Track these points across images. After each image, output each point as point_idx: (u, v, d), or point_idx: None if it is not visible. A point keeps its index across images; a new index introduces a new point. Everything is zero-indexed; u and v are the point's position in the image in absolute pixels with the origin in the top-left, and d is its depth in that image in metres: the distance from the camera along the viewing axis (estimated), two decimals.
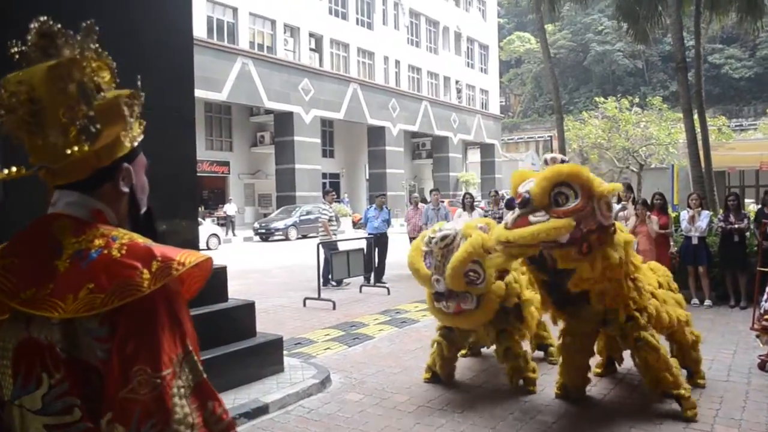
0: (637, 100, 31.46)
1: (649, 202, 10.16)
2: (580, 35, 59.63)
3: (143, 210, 1.56)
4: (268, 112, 32.41)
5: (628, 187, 11.06)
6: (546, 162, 4.64)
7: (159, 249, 1.32)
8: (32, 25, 1.38)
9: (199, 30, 27.14)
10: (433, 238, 5.27)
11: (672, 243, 9.98)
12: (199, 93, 26.24)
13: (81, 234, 1.34)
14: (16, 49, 1.38)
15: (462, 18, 45.49)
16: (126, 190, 1.47)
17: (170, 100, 5.53)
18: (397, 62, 39.65)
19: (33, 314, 1.27)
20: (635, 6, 16.34)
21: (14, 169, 1.36)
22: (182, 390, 1.26)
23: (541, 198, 4.18)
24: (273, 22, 31.71)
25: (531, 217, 4.13)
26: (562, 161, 4.57)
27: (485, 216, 10.47)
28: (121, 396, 1.22)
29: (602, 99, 31.66)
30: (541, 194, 4.18)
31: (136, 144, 1.49)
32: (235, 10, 29.75)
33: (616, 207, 10.59)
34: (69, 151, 1.32)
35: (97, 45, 1.42)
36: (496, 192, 12.47)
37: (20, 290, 1.29)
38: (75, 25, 1.53)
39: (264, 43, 31.55)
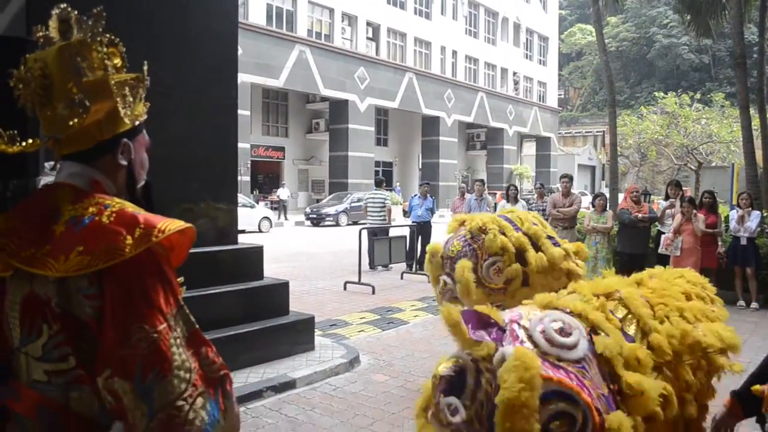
0: (698, 96, 30.57)
1: (698, 200, 10.00)
2: (645, 28, 58.12)
3: (140, 184, 1.70)
4: (324, 99, 32.77)
5: (678, 184, 10.86)
6: None
7: (143, 216, 1.46)
8: (53, 12, 1.56)
9: (258, 17, 27.63)
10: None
11: (720, 243, 9.78)
12: (256, 79, 26.89)
13: (78, 202, 1.49)
14: (40, 34, 1.57)
15: (522, 9, 44.91)
16: (124, 163, 1.62)
17: (213, 86, 5.76)
18: (454, 52, 39.46)
19: (34, 272, 1.43)
20: None
21: (30, 141, 1.54)
22: (178, 340, 1.40)
23: None
24: (331, 11, 31.99)
25: None
26: None
27: (529, 209, 10.45)
28: (122, 353, 1.35)
29: (662, 94, 30.87)
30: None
31: (137, 123, 1.64)
32: None
33: (663, 204, 10.43)
34: (71, 122, 1.48)
35: (110, 34, 1.59)
36: (542, 185, 12.39)
37: (21, 250, 1.46)
38: (129, 12, 1.73)
39: (322, 32, 31.87)
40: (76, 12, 1.57)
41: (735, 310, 9.47)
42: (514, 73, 45.31)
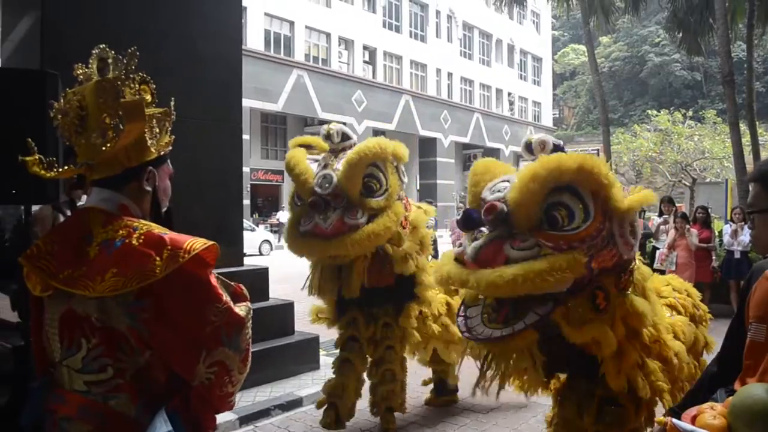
0: (691, 113, 30.88)
1: (691, 215, 10.18)
2: (637, 47, 58.67)
3: (164, 209, 1.89)
4: (322, 122, 32.79)
5: (670, 200, 11.05)
6: (530, 148, 2.87)
7: (170, 237, 1.65)
8: (93, 52, 1.77)
9: (257, 43, 27.97)
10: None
11: (714, 257, 9.95)
12: (255, 104, 27.16)
13: (108, 225, 1.67)
14: (80, 71, 1.78)
15: (515, 31, 45.42)
16: (149, 189, 1.80)
17: (219, 110, 5.97)
18: (450, 74, 39.87)
19: (74, 292, 1.61)
20: (688, 16, 16.23)
21: (66, 167, 1.77)
22: (232, 301, 1.72)
23: (526, 212, 2.42)
24: (328, 35, 32.38)
25: (509, 248, 2.38)
26: (558, 147, 2.76)
27: None
28: (207, 331, 1.64)
29: (655, 112, 31.18)
30: (527, 206, 2.41)
31: (162, 153, 1.84)
32: (291, 23, 30.51)
33: (658, 220, 10.61)
34: (104, 148, 1.67)
35: (143, 73, 1.80)
36: None
37: (60, 271, 1.63)
38: (139, 39, 1.93)
39: (319, 56, 32.24)
40: (113, 51, 1.76)
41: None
42: (509, 94, 45.71)
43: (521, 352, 2.49)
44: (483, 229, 2.47)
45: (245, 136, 24.34)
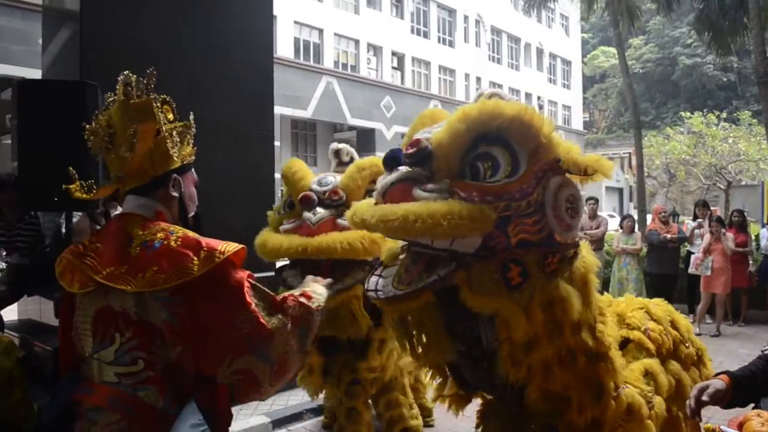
0: (725, 115, 30.32)
1: (727, 219, 10.03)
2: (668, 48, 57.90)
3: (191, 214, 2.07)
4: (351, 128, 33.18)
5: (705, 204, 10.90)
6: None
7: (205, 241, 1.81)
8: (120, 78, 1.95)
9: (287, 50, 28.24)
10: None
11: (751, 262, 9.79)
12: (285, 111, 27.40)
13: (146, 228, 1.83)
14: (110, 99, 1.97)
15: (544, 34, 45.18)
16: (175, 194, 1.98)
17: (252, 118, 6.07)
18: (478, 79, 39.78)
19: (111, 287, 1.74)
20: (719, 18, 16.02)
21: (102, 187, 2.01)
22: (265, 311, 1.83)
23: (447, 155, 2.16)
24: (357, 42, 32.55)
25: (417, 190, 2.13)
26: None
27: None
28: (232, 337, 1.74)
29: (688, 114, 30.72)
30: (450, 149, 2.15)
31: (185, 162, 2.02)
32: (320, 31, 30.73)
33: (692, 224, 10.47)
34: (127, 155, 1.85)
35: (165, 95, 1.99)
36: None
37: (103, 268, 1.77)
38: (173, 49, 2.04)
39: (348, 62, 32.42)
40: (135, 76, 1.94)
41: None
42: (539, 98, 45.43)
43: (416, 315, 2.26)
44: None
45: (276, 143, 24.56)
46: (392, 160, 2.26)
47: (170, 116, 1.98)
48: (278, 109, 26.19)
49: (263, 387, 1.83)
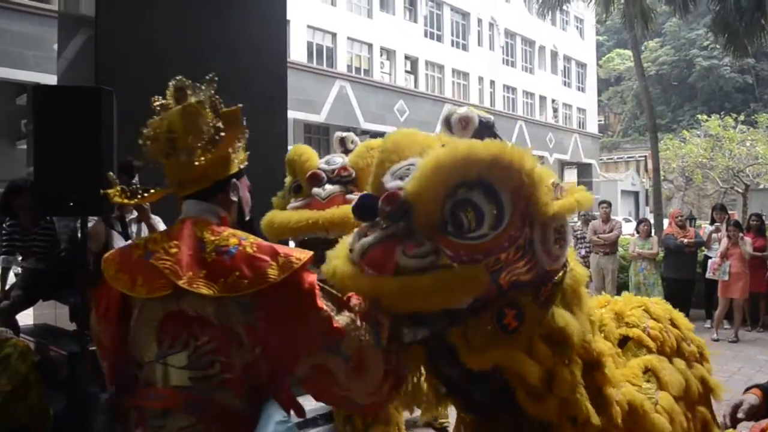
0: (742, 117, 30.05)
1: (745, 223, 9.93)
2: (684, 51, 57.50)
3: (247, 218, 2.11)
4: (364, 132, 33.17)
5: (722, 208, 10.81)
6: (449, 125, 2.44)
7: (279, 247, 1.84)
8: (171, 83, 1.95)
9: (300, 55, 28.32)
10: None
11: None
12: (299, 115, 27.47)
13: (216, 234, 1.84)
14: (157, 103, 1.94)
15: (559, 37, 45.02)
16: (235, 199, 2.01)
17: (265, 122, 6.06)
18: (492, 82, 39.72)
19: (187, 292, 1.74)
20: (735, 19, 15.87)
21: (152, 192, 1.98)
22: (334, 311, 1.86)
23: (426, 210, 2.01)
24: (370, 46, 32.60)
25: (402, 257, 1.98)
26: (485, 126, 2.41)
27: (573, 235, 10.51)
28: (308, 336, 1.78)
29: (705, 117, 30.46)
30: (428, 203, 2.01)
31: (242, 167, 2.07)
32: (333, 35, 30.81)
33: (709, 229, 10.38)
34: (196, 163, 1.86)
35: (218, 96, 1.99)
36: (586, 213, 12.44)
37: (183, 273, 1.75)
38: (187, 53, 2.04)
39: (361, 66, 32.47)
40: (189, 81, 1.95)
41: None
42: (553, 101, 45.28)
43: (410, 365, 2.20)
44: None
45: (289, 148, 24.61)
46: (367, 210, 2.10)
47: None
48: (292, 114, 26.26)
49: (339, 380, 1.85)
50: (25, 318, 5.97)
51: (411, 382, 2.39)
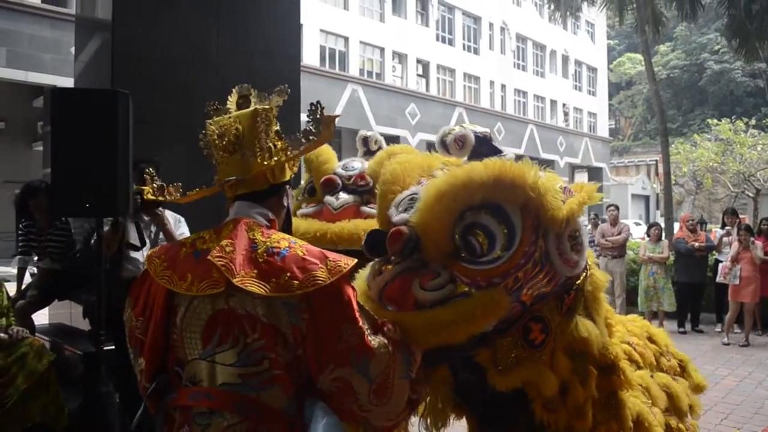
0: (754, 122, 29.86)
1: (756, 227, 9.89)
2: (695, 55, 57.24)
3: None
4: None
5: (734, 212, 10.77)
6: (445, 146, 2.45)
7: (329, 253, 1.86)
8: (234, 89, 2.06)
9: (312, 59, 28.45)
10: None
11: None
12: None
13: (267, 236, 1.87)
14: (211, 108, 2.04)
15: (570, 41, 44.96)
16: (286, 205, 2.05)
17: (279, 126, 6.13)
18: (503, 86, 39.70)
19: (237, 290, 1.77)
20: (746, 23, 15.82)
21: (197, 190, 2.04)
22: (368, 330, 1.83)
23: (434, 240, 2.02)
24: (382, 50, 32.68)
25: (416, 286, 2.00)
26: (483, 142, 2.35)
27: None
28: (338, 348, 1.78)
29: (716, 121, 30.31)
30: (434, 233, 2.02)
31: (293, 176, 2.08)
32: (346, 39, 30.92)
33: (720, 232, 10.35)
34: (266, 163, 1.92)
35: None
36: (596, 215, 12.43)
37: (236, 273, 1.78)
38: (201, 57, 2.08)
39: (373, 70, 32.55)
40: (254, 89, 2.06)
41: None
42: (564, 105, 45.20)
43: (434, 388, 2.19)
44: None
45: None
46: (377, 247, 2.12)
47: (277, 128, 2.05)
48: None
49: (360, 400, 1.83)
50: (41, 318, 6.05)
51: (432, 403, 2.38)
